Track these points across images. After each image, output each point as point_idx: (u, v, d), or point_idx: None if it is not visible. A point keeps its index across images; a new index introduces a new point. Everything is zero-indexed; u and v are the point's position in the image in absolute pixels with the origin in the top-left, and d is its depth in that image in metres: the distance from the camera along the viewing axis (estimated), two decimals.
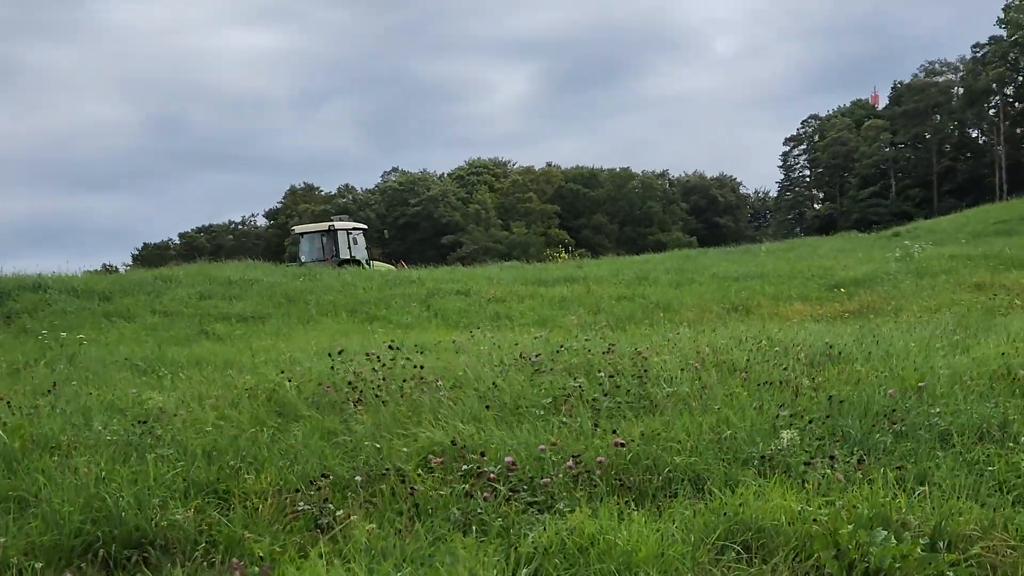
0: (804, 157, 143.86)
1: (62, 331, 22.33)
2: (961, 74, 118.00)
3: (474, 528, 7.38)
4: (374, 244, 52.63)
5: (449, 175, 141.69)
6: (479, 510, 7.69)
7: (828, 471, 8.43)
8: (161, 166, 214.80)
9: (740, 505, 7.49)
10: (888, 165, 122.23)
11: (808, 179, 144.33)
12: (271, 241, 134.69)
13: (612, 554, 6.74)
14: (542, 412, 10.54)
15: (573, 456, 8.65)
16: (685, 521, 7.35)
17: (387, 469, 8.64)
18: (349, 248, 49.65)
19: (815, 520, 7.23)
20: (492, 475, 8.33)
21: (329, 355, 13.63)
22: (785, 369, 12.93)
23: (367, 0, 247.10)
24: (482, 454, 8.82)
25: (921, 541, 6.90)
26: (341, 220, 53.88)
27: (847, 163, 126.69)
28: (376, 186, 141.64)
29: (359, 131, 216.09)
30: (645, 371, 12.52)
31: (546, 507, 7.85)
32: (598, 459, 8.59)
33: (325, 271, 36.86)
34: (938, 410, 10.17)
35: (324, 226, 51.70)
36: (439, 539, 7.21)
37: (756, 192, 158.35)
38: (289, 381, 12.51)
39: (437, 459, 8.80)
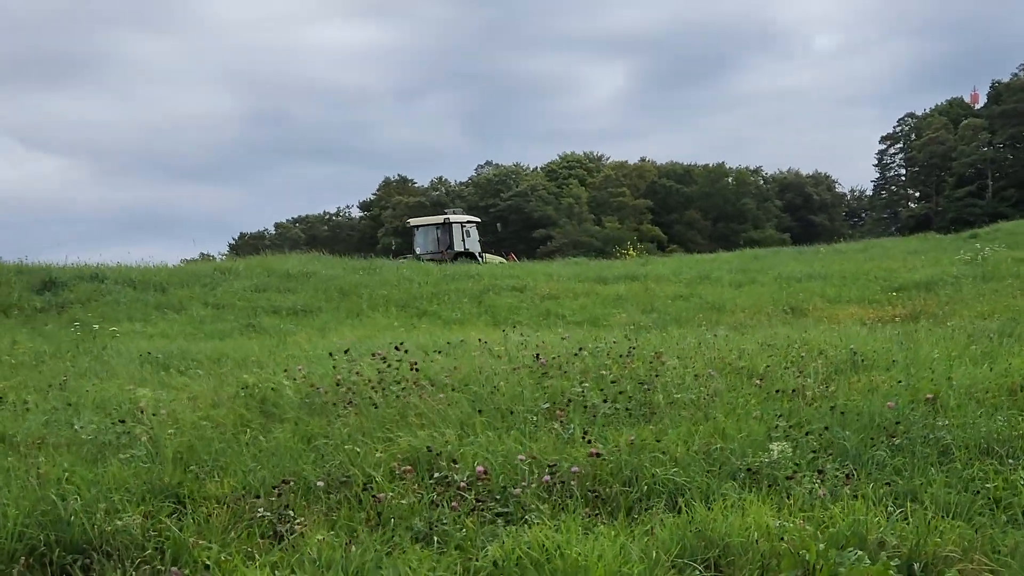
0: (900, 156, 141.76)
1: (110, 323, 22.54)
2: None
3: (435, 539, 7.20)
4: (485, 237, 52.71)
5: (541, 169, 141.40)
6: (444, 520, 7.47)
7: (815, 486, 8.19)
8: (261, 158, 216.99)
9: (712, 520, 7.26)
10: (985, 165, 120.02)
11: (904, 178, 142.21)
12: (365, 232, 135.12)
13: (567, 570, 6.53)
14: (535, 418, 10.33)
15: (549, 466, 8.46)
16: (651, 536, 7.14)
17: (350, 476, 8.50)
18: (463, 240, 50.44)
19: (782, 538, 7.00)
20: (462, 484, 8.16)
21: (331, 355, 13.49)
22: (800, 376, 12.65)
23: None
24: (454, 461, 8.64)
25: (894, 562, 6.67)
26: (455, 213, 54.41)
27: (944, 162, 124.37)
28: (469, 179, 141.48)
29: (455, 125, 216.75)
30: (657, 376, 12.33)
31: (515, 518, 7.64)
32: (572, 469, 8.40)
33: (385, 264, 36.86)
34: (945, 423, 9.87)
35: (439, 219, 52.73)
36: (396, 549, 7.05)
37: (852, 190, 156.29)
38: (294, 380, 12.41)
39: (407, 467, 8.60)
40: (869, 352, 14.81)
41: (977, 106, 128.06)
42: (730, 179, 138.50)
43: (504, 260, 49.98)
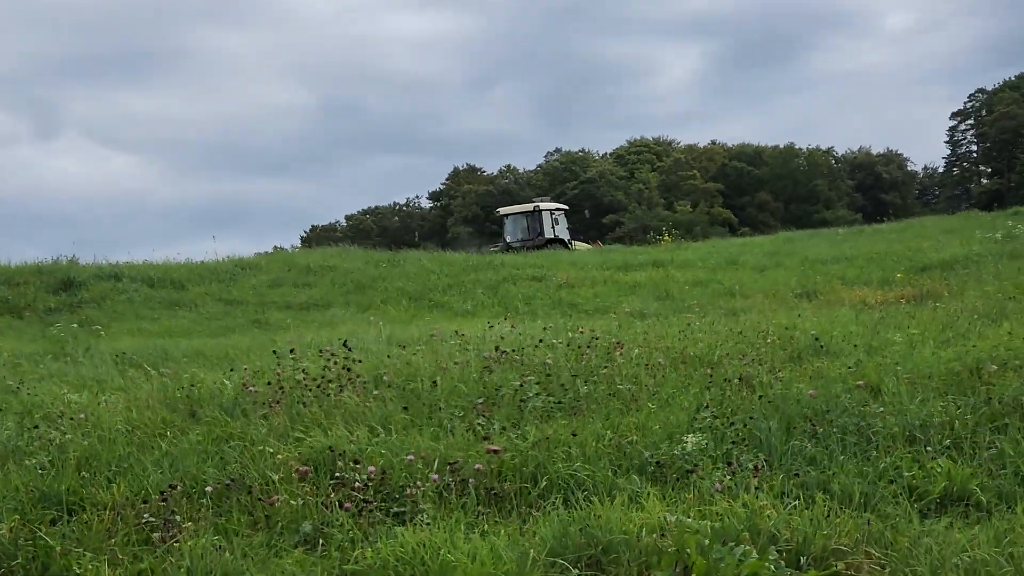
0: (971, 132, 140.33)
1: (119, 322, 22.72)
2: None
3: (320, 541, 7.13)
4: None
5: (610, 155, 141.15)
6: (336, 522, 7.40)
7: (722, 478, 8.06)
8: (334, 149, 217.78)
9: (598, 517, 7.14)
10: None
11: (975, 154, 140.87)
12: (435, 222, 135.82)
13: (438, 571, 6.46)
14: (462, 414, 10.25)
15: (450, 464, 8.37)
16: (533, 535, 7.04)
17: (244, 478, 8.44)
18: (552, 228, 51.43)
19: (663, 534, 6.89)
20: (357, 484, 8.08)
21: (274, 352, 13.45)
22: (749, 364, 12.54)
23: None
24: (355, 462, 8.55)
25: (781, 556, 6.57)
26: (544, 201, 55.99)
27: (1015, 137, 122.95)
28: (538, 166, 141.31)
29: (527, 112, 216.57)
30: (605, 368, 12.25)
31: (408, 518, 7.54)
32: (476, 467, 8.32)
33: (408, 256, 36.82)
34: (880, 410, 9.71)
35: (529, 207, 53.80)
36: (277, 553, 7.01)
37: (925, 168, 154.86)
38: (239, 379, 12.37)
39: (304, 467, 8.52)
40: (838, 337, 14.67)
41: None
42: (801, 160, 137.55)
43: (590, 246, 50.63)
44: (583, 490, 7.98)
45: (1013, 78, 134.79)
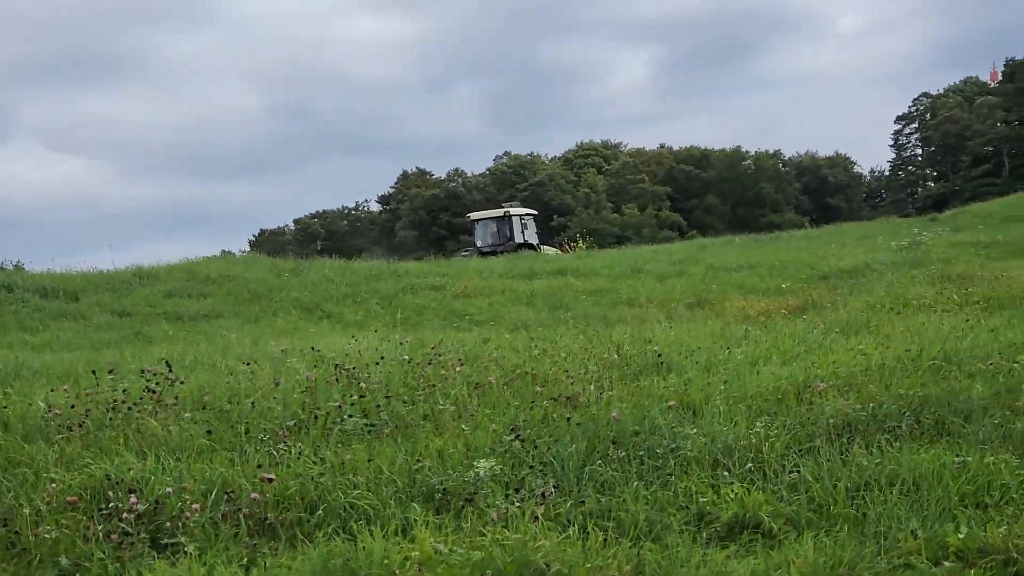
0: (915, 136, 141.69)
1: (3, 332, 22.29)
2: None
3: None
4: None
5: (559, 158, 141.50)
6: (98, 555, 7.20)
7: (511, 506, 7.91)
8: (288, 152, 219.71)
9: (362, 548, 6.98)
10: (1001, 143, 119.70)
11: (920, 158, 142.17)
12: (384, 226, 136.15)
13: None
14: (267, 438, 10.05)
15: (228, 492, 8.19)
16: (288, 568, 6.88)
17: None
18: (522, 232, 53.10)
19: (420, 567, 6.75)
20: (125, 515, 7.87)
21: (93, 372, 13.16)
22: (578, 382, 12.39)
23: None
24: (131, 491, 8.33)
25: None
26: (514, 206, 57.55)
27: (959, 142, 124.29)
28: (487, 170, 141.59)
29: (480, 115, 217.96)
30: (434, 386, 12.09)
31: (173, 551, 7.37)
32: (252, 496, 8.13)
33: (314, 265, 36.47)
34: (693, 432, 9.58)
35: (499, 213, 54.96)
36: None
37: (872, 171, 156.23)
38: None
39: (72, 497, 8.30)
40: (685, 352, 14.60)
41: (993, 83, 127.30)
42: (749, 163, 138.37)
43: (559, 251, 51.57)
44: (362, 519, 7.80)
45: (958, 82, 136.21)
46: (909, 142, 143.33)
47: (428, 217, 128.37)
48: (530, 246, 50.83)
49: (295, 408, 11.11)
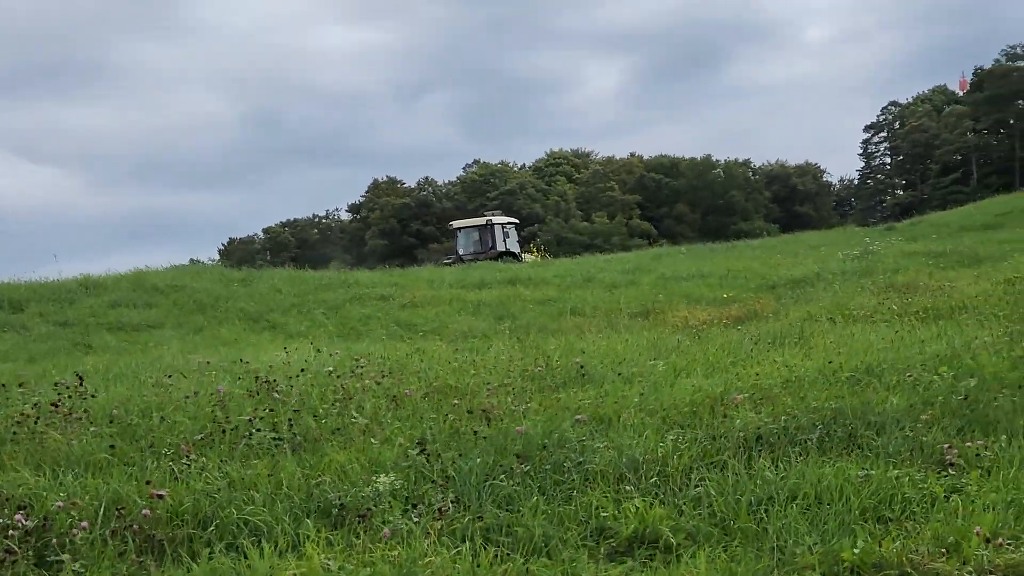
0: (884, 144, 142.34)
1: None
2: None
3: None
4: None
5: (529, 167, 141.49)
6: None
7: (408, 522, 7.79)
8: (260, 162, 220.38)
9: (248, 567, 6.88)
10: (969, 152, 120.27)
11: (889, 166, 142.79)
12: (354, 235, 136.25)
13: None
14: (171, 452, 9.90)
15: (118, 508, 8.05)
16: None
17: None
18: (504, 241, 53.84)
19: None
20: (11, 532, 7.72)
21: (2, 385, 12.98)
22: (496, 394, 12.30)
23: None
24: (21, 507, 8.16)
25: None
26: (496, 215, 58.88)
27: (927, 150, 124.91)
28: (458, 178, 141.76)
29: (452, 125, 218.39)
30: (350, 399, 11.98)
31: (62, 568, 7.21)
32: (143, 512, 7.99)
33: (264, 274, 36.19)
34: (603, 445, 9.49)
35: (481, 221, 55.90)
36: None
37: (842, 180, 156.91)
38: None
39: None
40: (612, 363, 14.54)
41: (961, 92, 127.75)
42: (718, 171, 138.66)
43: (537, 258, 52.12)
44: (255, 536, 7.68)
45: (927, 91, 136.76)
46: (878, 151, 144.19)
47: (398, 225, 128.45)
48: (512, 254, 51.58)
49: (205, 422, 10.98)
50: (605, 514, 7.86)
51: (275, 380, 12.98)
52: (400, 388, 12.77)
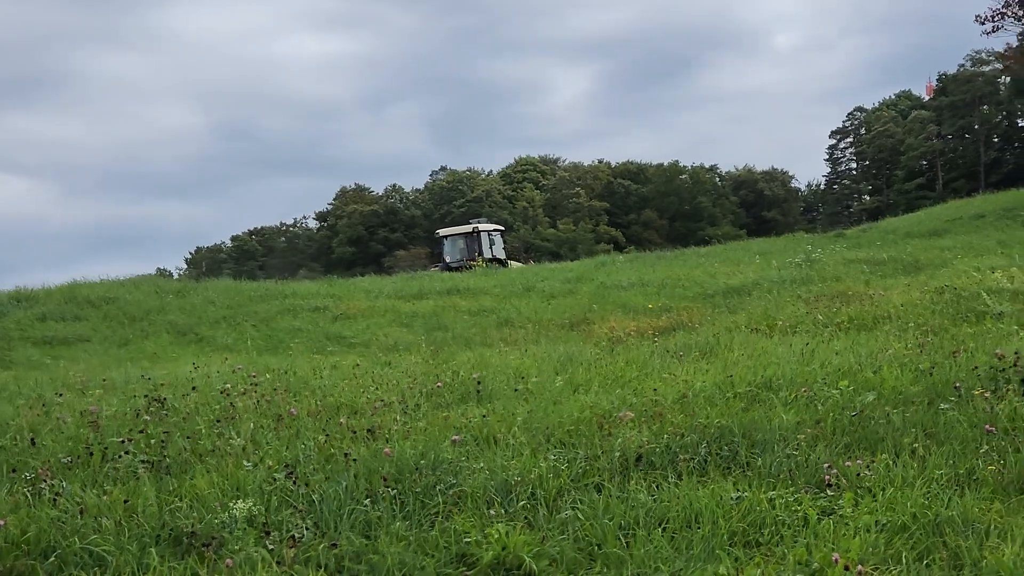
0: (850, 150, 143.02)
1: None
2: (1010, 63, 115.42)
3: None
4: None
5: (497, 174, 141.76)
6: None
7: (261, 550, 7.50)
8: (229, 172, 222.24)
9: None
10: (935, 157, 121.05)
11: (855, 172, 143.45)
12: (322, 243, 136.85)
13: None
14: (32, 476, 9.58)
15: None
16: None
17: None
18: (490, 248, 55.31)
19: None
20: None
21: None
22: (384, 412, 12.07)
23: (430, 3, 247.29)
24: None
25: None
26: (482, 222, 59.24)
27: (893, 156, 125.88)
28: (424, 186, 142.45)
29: (422, 133, 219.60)
30: (233, 419, 11.74)
31: None
32: None
33: (200, 286, 35.72)
34: (480, 466, 9.23)
35: (468, 228, 57.30)
36: None
37: (809, 185, 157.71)
38: None
39: None
40: (514, 378, 14.33)
41: (928, 98, 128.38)
42: (686, 178, 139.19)
43: (524, 265, 53.09)
44: (97, 566, 7.39)
45: (892, 97, 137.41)
46: (844, 156, 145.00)
47: (366, 233, 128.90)
48: (499, 261, 52.50)
49: (77, 444, 10.70)
50: (468, 540, 7.57)
51: (165, 398, 12.73)
52: (293, 406, 12.53)
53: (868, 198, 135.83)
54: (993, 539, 7.22)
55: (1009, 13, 50.68)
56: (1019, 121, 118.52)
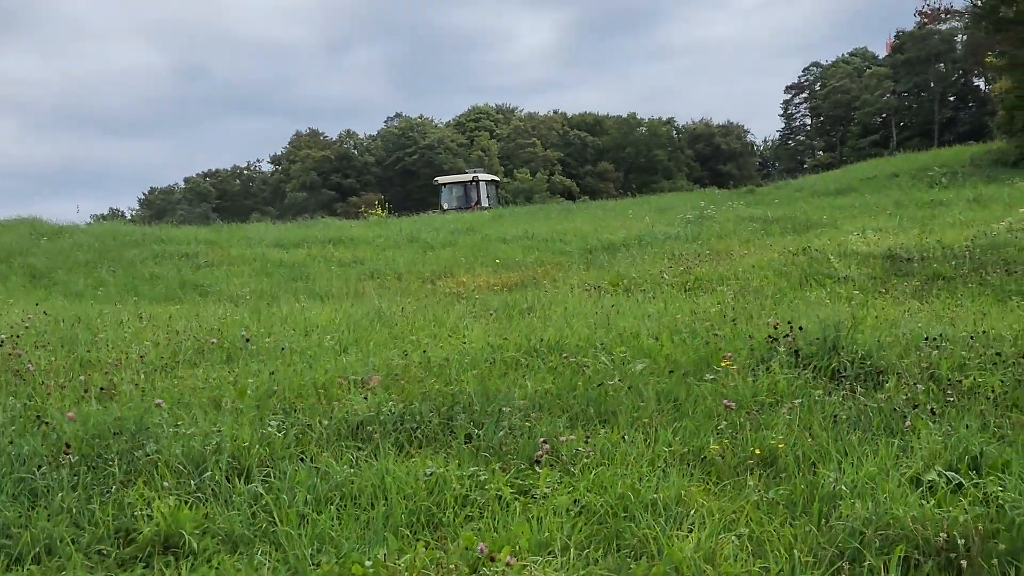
0: (805, 106, 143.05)
1: None
2: (966, 21, 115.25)
3: None
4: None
5: (453, 121, 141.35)
6: None
7: None
8: (185, 112, 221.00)
9: None
10: (890, 114, 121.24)
11: (809, 127, 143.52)
12: (275, 187, 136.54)
13: None
14: None
15: None
16: None
17: None
18: (487, 197, 57.96)
19: None
20: None
21: None
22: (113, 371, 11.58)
23: None
24: None
25: None
26: (480, 172, 62.28)
27: (848, 112, 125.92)
28: (377, 132, 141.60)
29: (381, 79, 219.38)
30: None
31: None
32: None
33: (78, 230, 34.97)
34: (191, 431, 8.70)
35: (467, 177, 59.97)
36: None
37: (765, 140, 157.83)
38: None
39: None
40: (300, 335, 13.98)
41: (885, 54, 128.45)
42: (643, 129, 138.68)
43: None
44: None
45: (848, 53, 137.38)
46: (799, 111, 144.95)
47: (319, 178, 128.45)
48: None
49: None
50: (135, 514, 7.08)
51: None
52: (47, 361, 12.05)
53: (822, 154, 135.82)
54: (685, 526, 6.81)
55: None
56: (975, 80, 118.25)
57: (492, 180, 62.16)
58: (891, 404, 9.33)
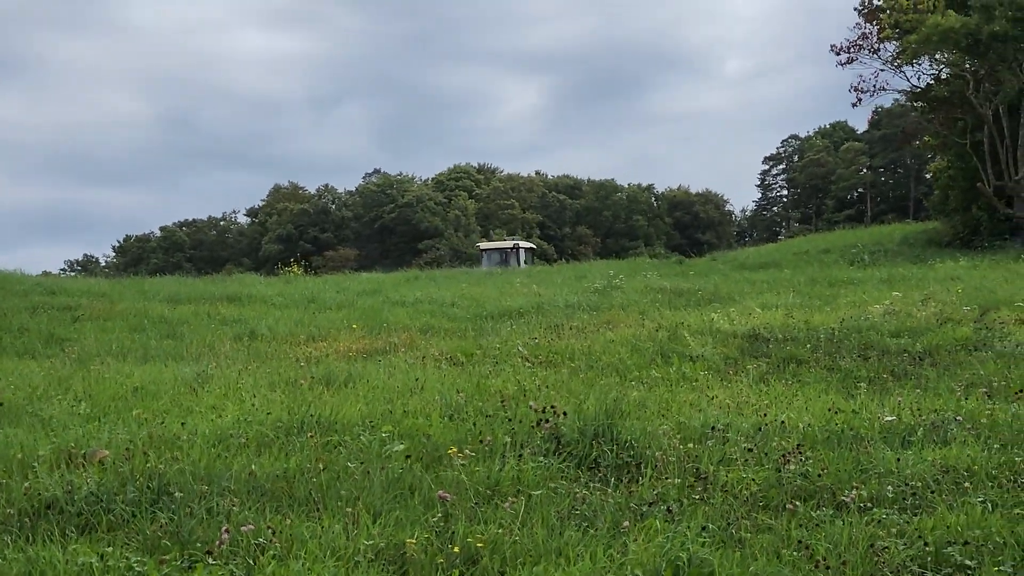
0: (782, 177, 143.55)
1: None
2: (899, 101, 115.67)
3: None
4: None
5: (432, 180, 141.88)
6: None
7: None
8: (171, 162, 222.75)
9: None
10: (865, 189, 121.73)
11: (786, 199, 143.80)
12: (252, 238, 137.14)
13: None
14: None
15: None
16: None
17: None
18: (525, 262, 66.38)
19: None
20: None
21: None
22: None
23: (383, 6, 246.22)
24: None
25: None
26: (520, 240, 75.53)
27: (824, 185, 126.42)
28: (356, 188, 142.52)
29: (366, 136, 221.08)
30: None
31: None
32: None
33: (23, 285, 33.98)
34: None
35: (508, 244, 70.74)
36: None
37: (743, 210, 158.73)
38: None
39: None
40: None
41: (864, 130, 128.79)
42: (622, 195, 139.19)
43: None
44: None
45: (827, 126, 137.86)
46: (776, 182, 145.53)
47: (296, 231, 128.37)
48: None
49: None
50: None
51: None
52: None
53: (797, 225, 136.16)
54: None
55: (864, 46, 50.01)
56: (908, 159, 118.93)
57: (529, 248, 73.00)
58: (638, 498, 8.98)
